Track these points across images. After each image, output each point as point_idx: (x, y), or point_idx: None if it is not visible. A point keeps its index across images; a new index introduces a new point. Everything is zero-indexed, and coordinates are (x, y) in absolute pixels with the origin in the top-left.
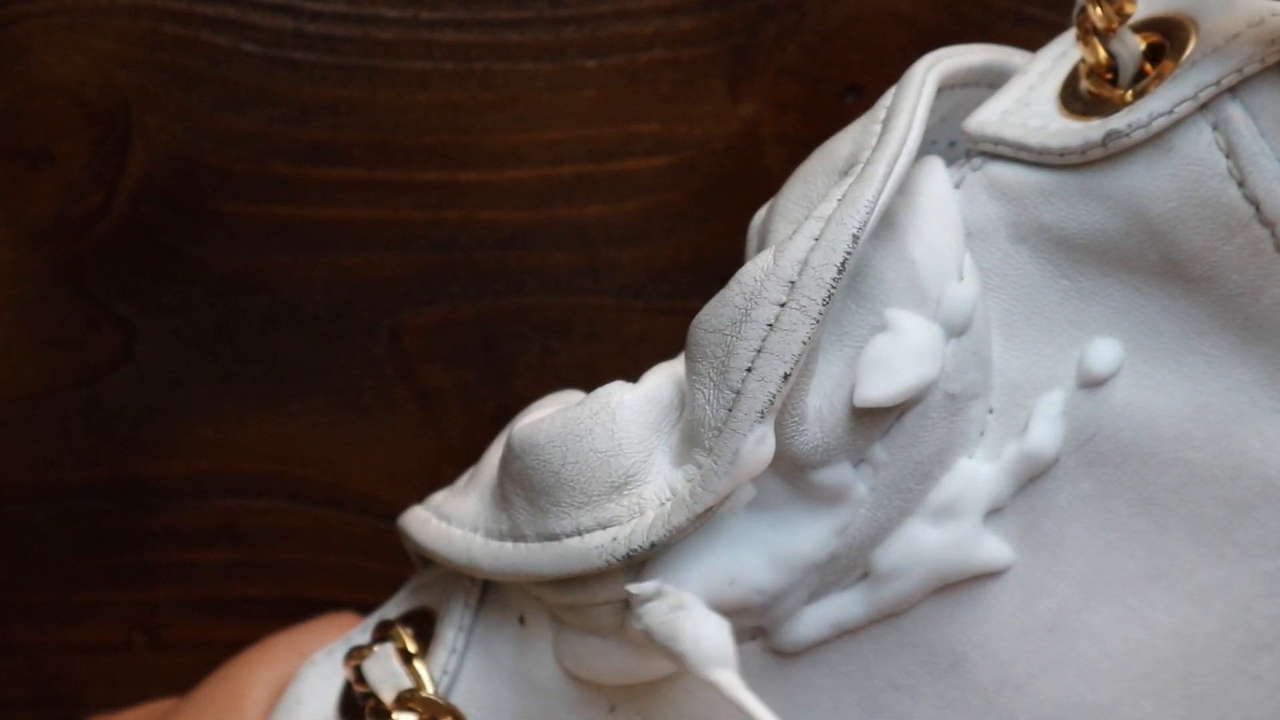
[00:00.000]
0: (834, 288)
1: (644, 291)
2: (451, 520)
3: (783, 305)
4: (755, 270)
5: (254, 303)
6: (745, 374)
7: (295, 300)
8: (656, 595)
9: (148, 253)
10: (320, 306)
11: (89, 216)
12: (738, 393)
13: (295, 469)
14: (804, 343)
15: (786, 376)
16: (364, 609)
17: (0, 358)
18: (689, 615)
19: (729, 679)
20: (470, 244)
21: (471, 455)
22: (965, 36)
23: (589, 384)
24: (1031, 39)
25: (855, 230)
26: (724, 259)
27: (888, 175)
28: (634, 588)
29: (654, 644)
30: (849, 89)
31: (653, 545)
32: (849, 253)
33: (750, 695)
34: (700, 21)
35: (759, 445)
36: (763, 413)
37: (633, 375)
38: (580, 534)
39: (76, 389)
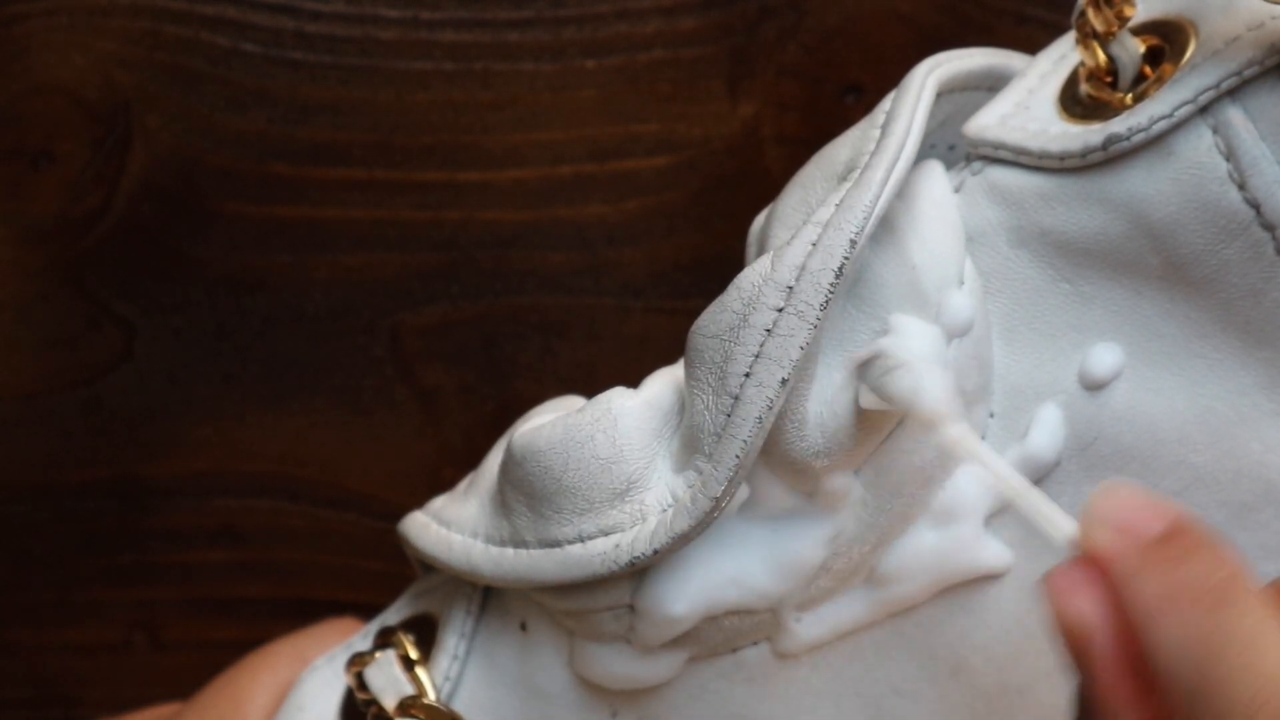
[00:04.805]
0: (831, 293)
1: (644, 291)
2: (452, 526)
3: (780, 310)
4: (753, 276)
5: (254, 303)
6: (743, 379)
7: (295, 300)
8: (872, 359)
9: (148, 253)
10: (320, 306)
11: (89, 216)
12: (736, 398)
13: (295, 469)
14: (802, 348)
15: (784, 382)
16: (364, 609)
17: (0, 358)
18: (905, 374)
19: (955, 432)
20: (470, 244)
21: (472, 455)
22: (965, 36)
23: (589, 384)
24: (1032, 39)
25: (853, 235)
26: (724, 259)
27: (885, 180)
28: (855, 356)
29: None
30: (849, 89)
31: (655, 552)
32: (846, 258)
33: (982, 445)
34: (700, 21)
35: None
36: (760, 418)
37: (633, 375)
38: (583, 541)
39: (76, 389)
